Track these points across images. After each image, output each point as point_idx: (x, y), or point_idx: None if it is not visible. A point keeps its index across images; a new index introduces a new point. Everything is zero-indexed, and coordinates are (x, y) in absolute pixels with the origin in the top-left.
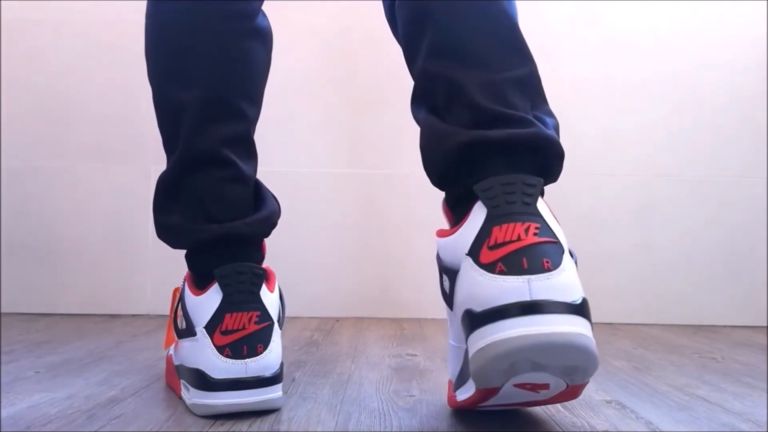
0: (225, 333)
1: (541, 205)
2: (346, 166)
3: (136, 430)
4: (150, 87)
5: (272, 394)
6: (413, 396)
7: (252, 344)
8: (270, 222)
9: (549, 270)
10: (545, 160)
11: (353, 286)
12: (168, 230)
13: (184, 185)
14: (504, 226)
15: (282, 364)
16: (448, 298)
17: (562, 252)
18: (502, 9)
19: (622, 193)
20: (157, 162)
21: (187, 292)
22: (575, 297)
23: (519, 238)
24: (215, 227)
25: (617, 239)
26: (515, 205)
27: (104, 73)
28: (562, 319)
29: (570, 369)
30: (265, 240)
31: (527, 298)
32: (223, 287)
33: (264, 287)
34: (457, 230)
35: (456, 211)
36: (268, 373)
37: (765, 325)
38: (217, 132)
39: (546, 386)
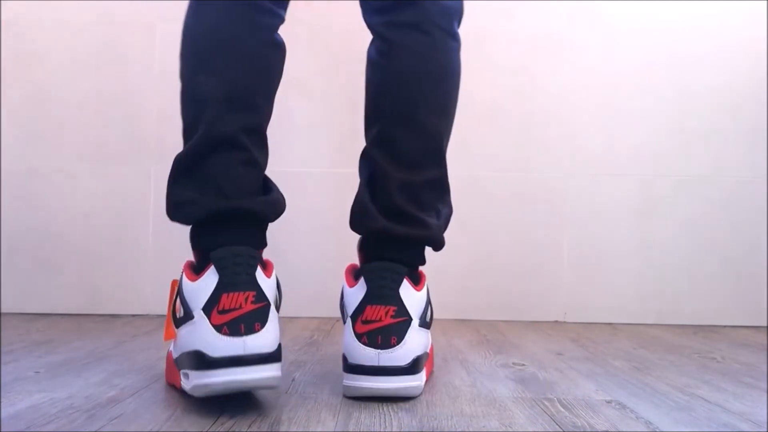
0: (222, 312)
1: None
2: (346, 166)
3: (136, 430)
4: (180, 81)
5: (272, 372)
6: (413, 396)
7: (249, 323)
8: (276, 206)
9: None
10: (422, 252)
11: None
12: (181, 203)
13: (201, 163)
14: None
15: (280, 345)
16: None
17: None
18: (436, 127)
19: (622, 193)
20: (157, 162)
21: (185, 280)
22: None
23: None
24: (226, 201)
25: (617, 239)
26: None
27: (104, 73)
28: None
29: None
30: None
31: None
32: (219, 269)
33: (261, 272)
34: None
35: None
36: (267, 350)
37: (765, 325)
38: (235, 119)
39: None
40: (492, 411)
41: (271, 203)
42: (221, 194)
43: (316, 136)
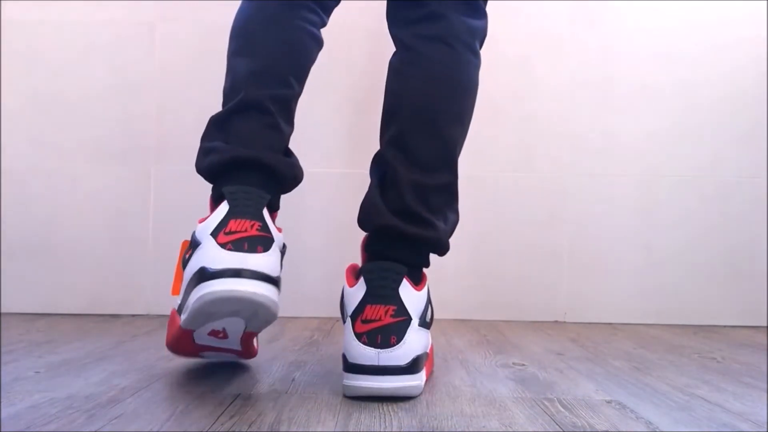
0: (229, 233)
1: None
2: (346, 166)
3: (136, 430)
4: (225, 61)
5: (270, 292)
6: (413, 396)
7: (253, 244)
8: (294, 170)
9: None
10: (428, 254)
11: None
12: (207, 152)
13: (230, 120)
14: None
15: (280, 278)
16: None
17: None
18: (451, 134)
19: (622, 193)
20: (157, 162)
21: (197, 225)
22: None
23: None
24: (247, 151)
25: (617, 239)
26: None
27: (104, 73)
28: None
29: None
30: None
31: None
32: (230, 201)
33: (271, 222)
34: None
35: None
36: (267, 272)
37: (765, 325)
38: (267, 89)
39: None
40: (492, 411)
41: (290, 165)
42: (244, 145)
43: (316, 136)
